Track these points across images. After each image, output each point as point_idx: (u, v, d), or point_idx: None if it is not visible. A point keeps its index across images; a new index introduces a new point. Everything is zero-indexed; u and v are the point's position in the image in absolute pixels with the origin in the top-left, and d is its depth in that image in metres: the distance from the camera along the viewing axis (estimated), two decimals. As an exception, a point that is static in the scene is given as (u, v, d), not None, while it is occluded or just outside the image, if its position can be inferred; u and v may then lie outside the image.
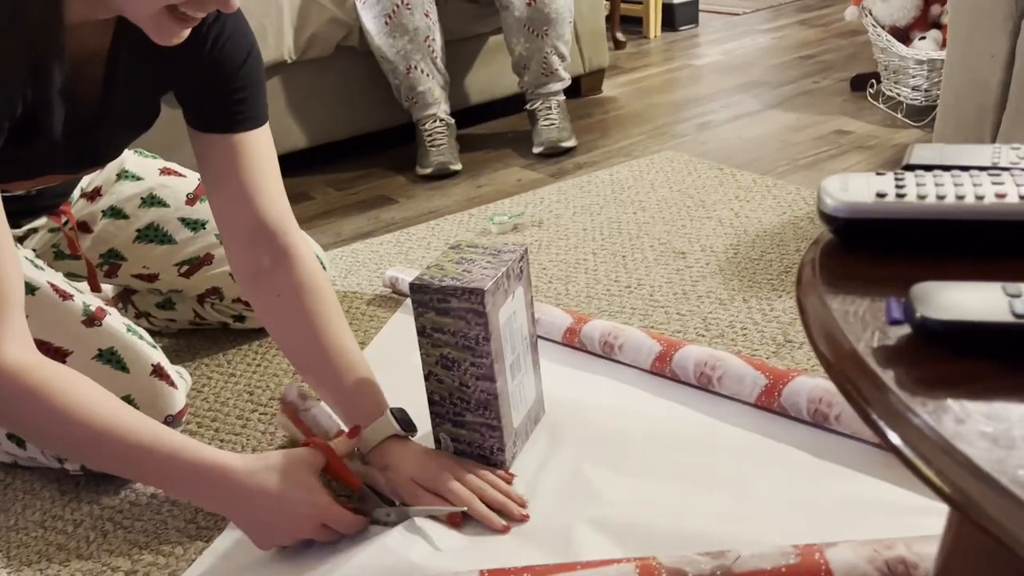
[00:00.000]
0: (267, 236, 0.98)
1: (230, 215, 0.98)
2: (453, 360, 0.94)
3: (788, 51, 2.77)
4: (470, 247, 0.98)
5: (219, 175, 0.97)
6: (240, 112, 0.96)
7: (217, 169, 0.97)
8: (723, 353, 1.06)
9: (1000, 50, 1.43)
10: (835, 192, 0.49)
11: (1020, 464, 0.33)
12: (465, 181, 1.96)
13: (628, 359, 1.13)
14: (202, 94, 0.95)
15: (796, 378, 0.98)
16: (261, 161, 0.97)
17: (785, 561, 0.71)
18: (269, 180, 0.98)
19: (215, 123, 0.96)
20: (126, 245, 1.23)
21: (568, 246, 1.55)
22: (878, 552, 0.69)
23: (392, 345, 1.29)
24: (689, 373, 1.07)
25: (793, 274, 1.35)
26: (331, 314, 0.98)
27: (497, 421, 0.95)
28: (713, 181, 1.76)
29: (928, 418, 0.36)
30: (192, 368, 1.29)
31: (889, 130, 1.96)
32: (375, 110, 2.15)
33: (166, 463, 0.83)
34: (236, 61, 0.94)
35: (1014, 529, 0.31)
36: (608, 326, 1.17)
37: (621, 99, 2.46)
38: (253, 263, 0.98)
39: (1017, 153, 0.53)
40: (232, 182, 0.96)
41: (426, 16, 1.95)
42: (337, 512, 0.86)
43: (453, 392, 0.96)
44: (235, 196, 0.97)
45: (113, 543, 0.96)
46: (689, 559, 0.73)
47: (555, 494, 0.93)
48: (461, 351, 0.93)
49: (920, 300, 0.40)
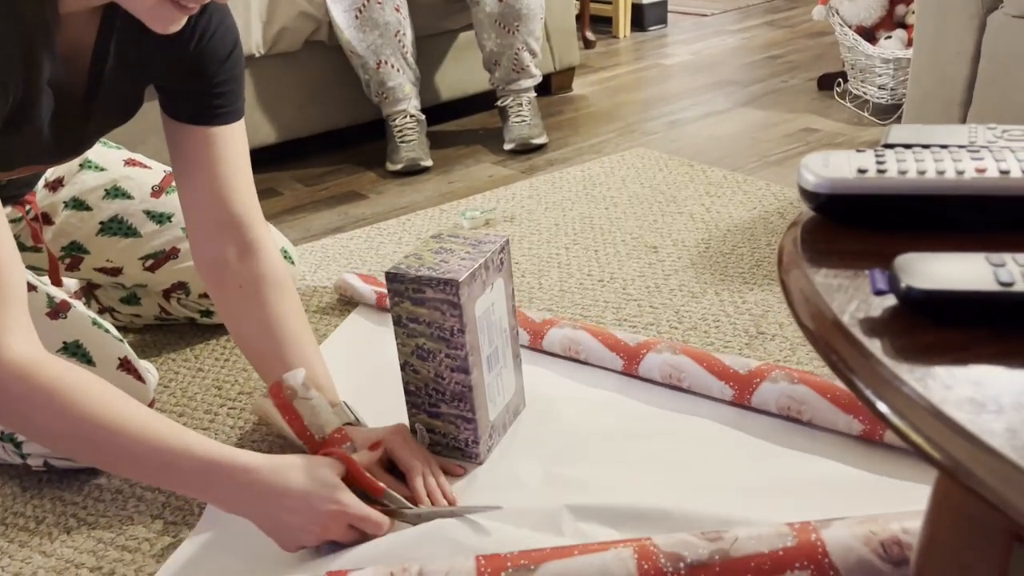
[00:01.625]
0: (234, 229, 0.98)
1: (198, 206, 0.98)
2: (428, 351, 0.93)
3: (756, 51, 2.79)
4: (451, 237, 0.98)
5: (191, 166, 0.97)
6: (220, 106, 0.96)
7: (190, 160, 0.97)
8: (686, 362, 1.03)
9: (966, 47, 1.45)
10: (817, 168, 0.49)
11: (1008, 427, 0.33)
12: (436, 177, 1.95)
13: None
14: (184, 86, 0.95)
15: (761, 385, 0.98)
16: (234, 155, 0.98)
17: (783, 544, 0.70)
18: (240, 174, 0.98)
19: (194, 115, 0.96)
20: (89, 238, 1.20)
21: (540, 241, 1.54)
22: (874, 533, 0.69)
23: (348, 343, 1.27)
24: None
25: (764, 267, 1.36)
26: (290, 309, 0.99)
27: (472, 413, 0.94)
28: (684, 177, 1.77)
29: (916, 385, 0.35)
30: (158, 363, 1.26)
31: (856, 128, 1.99)
32: (345, 106, 2.13)
33: (184, 463, 0.80)
34: (221, 55, 0.94)
35: (1004, 491, 0.31)
36: (568, 337, 1.13)
37: (591, 97, 2.47)
38: (218, 254, 0.98)
39: (993, 132, 0.53)
40: (204, 174, 0.96)
41: (396, 11, 1.94)
42: (365, 512, 0.83)
43: (428, 383, 0.95)
44: (205, 188, 0.97)
45: (77, 539, 0.93)
46: (686, 542, 0.73)
47: (540, 482, 0.92)
48: (436, 342, 0.92)
49: (905, 270, 0.40)
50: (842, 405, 0.92)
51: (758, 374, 0.99)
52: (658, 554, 0.72)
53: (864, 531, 0.70)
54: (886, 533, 0.69)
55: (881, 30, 2.10)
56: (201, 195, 0.97)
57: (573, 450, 0.97)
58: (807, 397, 0.94)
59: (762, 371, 0.99)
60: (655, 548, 0.73)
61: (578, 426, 1.01)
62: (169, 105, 0.97)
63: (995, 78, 1.42)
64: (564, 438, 0.99)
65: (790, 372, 0.98)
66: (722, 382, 1.00)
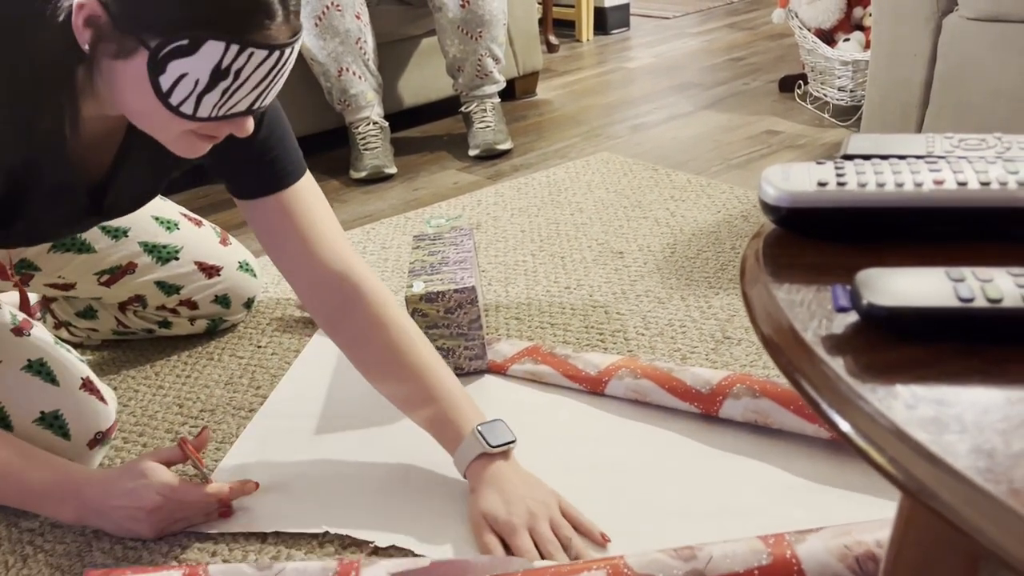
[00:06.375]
0: (334, 283, 0.96)
1: (296, 271, 0.97)
2: (448, 349, 1.14)
3: (718, 53, 2.81)
4: (429, 240, 1.23)
5: (275, 236, 0.96)
6: (275, 172, 0.95)
7: (272, 231, 0.96)
8: (650, 386, 1.02)
9: (922, 49, 1.47)
10: (777, 182, 0.48)
11: (972, 448, 0.32)
12: (400, 184, 1.93)
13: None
14: (232, 167, 0.95)
15: (724, 403, 0.97)
16: (311, 211, 0.96)
17: (757, 562, 0.70)
18: (325, 228, 0.97)
19: (255, 190, 0.95)
20: (39, 255, 1.17)
21: (507, 248, 1.54)
22: (848, 548, 0.69)
23: (314, 367, 1.24)
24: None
25: (729, 271, 1.37)
26: (409, 342, 0.96)
27: (484, 362, 1.16)
28: (648, 181, 1.77)
29: (878, 405, 0.35)
30: (118, 381, 1.23)
31: (817, 129, 2.01)
32: (306, 113, 2.10)
33: (16, 486, 0.87)
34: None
35: (968, 514, 0.31)
36: (528, 372, 1.13)
37: (556, 101, 2.46)
38: (326, 309, 0.97)
39: (951, 142, 0.53)
40: (290, 241, 0.96)
41: (357, 18, 1.92)
42: (183, 487, 0.90)
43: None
44: (296, 253, 0.96)
45: (33, 567, 0.90)
46: (660, 562, 0.72)
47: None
48: (456, 339, 1.13)
49: (866, 287, 0.39)
50: (807, 416, 0.92)
51: (720, 391, 0.97)
52: (631, 575, 0.71)
53: (838, 545, 0.69)
54: (861, 548, 0.69)
55: (839, 32, 2.12)
56: (294, 262, 0.97)
57: (541, 459, 0.96)
58: (771, 411, 0.94)
59: (724, 387, 0.97)
60: (628, 569, 0.72)
61: (547, 436, 1.01)
62: (232, 187, 0.97)
63: (951, 80, 1.44)
64: (531, 449, 0.98)
65: (751, 385, 0.96)
66: (686, 403, 0.99)
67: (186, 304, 1.26)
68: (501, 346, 1.18)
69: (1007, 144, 0.52)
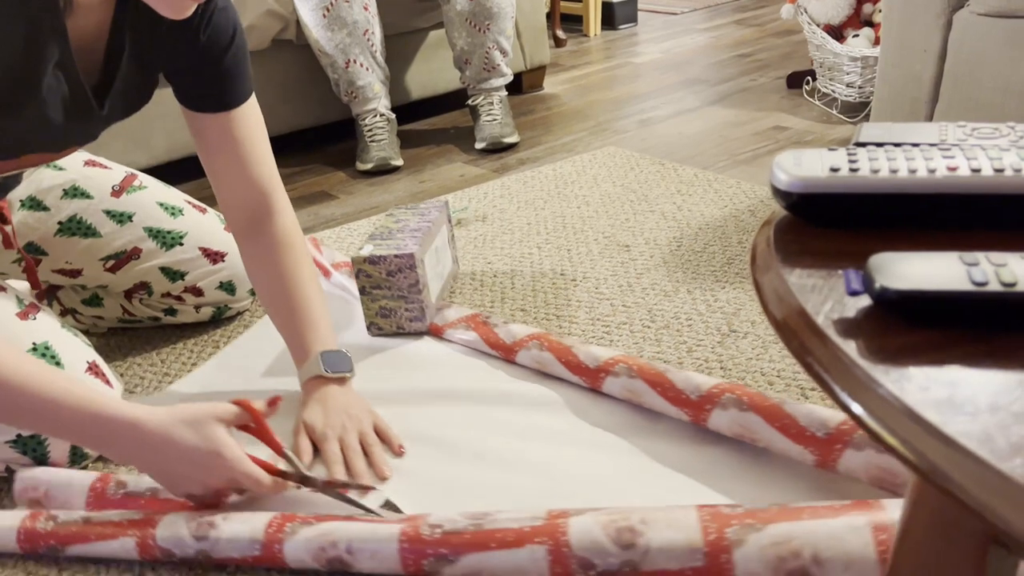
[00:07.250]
0: (254, 200, 1.07)
1: (226, 183, 1.06)
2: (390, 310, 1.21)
3: (726, 49, 2.81)
4: (404, 210, 1.32)
5: (212, 148, 1.04)
6: (229, 91, 1.01)
7: (211, 143, 1.04)
8: (642, 387, 1.00)
9: (932, 45, 1.46)
10: (789, 168, 0.48)
11: (984, 429, 0.32)
12: (407, 177, 1.93)
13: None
14: (193, 75, 1.00)
15: (712, 412, 0.94)
16: (252, 131, 1.05)
17: (692, 563, 0.71)
18: (259, 152, 1.06)
19: (207, 104, 1.02)
20: (46, 239, 1.17)
21: (513, 240, 1.54)
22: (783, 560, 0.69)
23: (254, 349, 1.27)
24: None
25: (735, 265, 1.36)
26: (297, 266, 1.08)
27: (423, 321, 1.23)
28: (655, 176, 1.77)
29: (891, 387, 0.35)
30: (124, 368, 1.24)
31: (825, 126, 2.00)
32: (314, 105, 2.10)
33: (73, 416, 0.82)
34: (224, 42, 0.98)
35: (980, 494, 0.30)
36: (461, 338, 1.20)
37: (562, 96, 2.46)
38: (245, 220, 1.08)
39: (963, 130, 0.53)
40: (228, 155, 1.04)
41: (365, 9, 1.92)
42: (247, 470, 0.84)
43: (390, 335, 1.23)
44: (230, 166, 1.05)
45: (38, 551, 0.91)
46: (598, 546, 0.73)
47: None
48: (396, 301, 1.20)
49: (879, 271, 0.39)
50: (792, 435, 0.87)
51: (708, 399, 0.94)
52: (570, 557, 0.73)
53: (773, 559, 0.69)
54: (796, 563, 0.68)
55: (849, 28, 2.11)
56: (227, 174, 1.05)
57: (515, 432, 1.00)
58: (757, 427, 0.90)
59: (712, 396, 0.94)
60: (568, 550, 0.74)
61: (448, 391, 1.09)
62: (183, 96, 1.02)
63: (961, 76, 1.43)
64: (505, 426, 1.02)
65: (739, 397, 0.92)
66: (676, 407, 0.98)
67: (191, 291, 1.27)
68: (449, 312, 1.25)
69: (1021, 132, 0.51)
